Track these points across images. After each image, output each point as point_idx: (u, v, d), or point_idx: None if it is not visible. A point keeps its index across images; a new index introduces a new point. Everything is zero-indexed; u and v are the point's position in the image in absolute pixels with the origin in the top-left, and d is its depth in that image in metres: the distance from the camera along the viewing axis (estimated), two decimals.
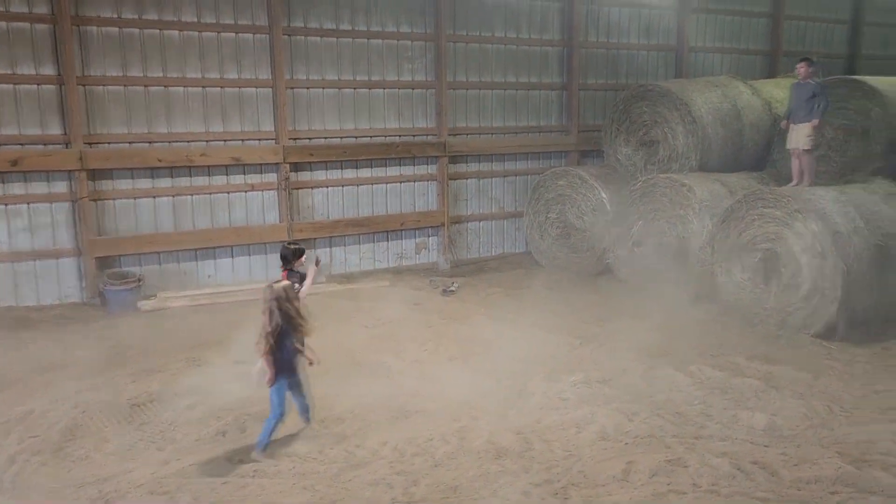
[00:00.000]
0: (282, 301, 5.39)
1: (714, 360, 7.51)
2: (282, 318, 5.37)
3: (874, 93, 10.09)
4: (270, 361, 5.43)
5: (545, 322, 8.96)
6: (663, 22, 14.11)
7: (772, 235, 8.70)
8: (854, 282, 7.97)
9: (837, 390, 6.69)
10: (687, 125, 10.91)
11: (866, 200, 8.70)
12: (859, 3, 16.53)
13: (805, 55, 9.80)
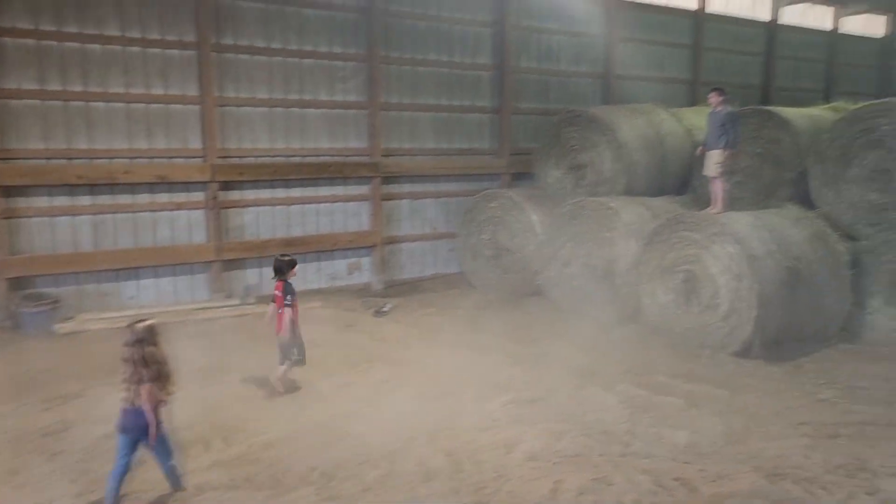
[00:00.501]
0: (145, 344, 4.74)
1: (639, 380, 7.72)
2: (143, 363, 4.69)
3: (785, 123, 10.65)
4: (152, 412, 4.79)
5: (477, 343, 9.04)
6: (592, 50, 14.56)
7: (692, 258, 9.03)
8: (768, 302, 8.35)
9: (753, 407, 6.97)
10: (614, 150, 11.24)
11: (779, 225, 9.14)
12: (772, 37, 17.48)
13: (717, 85, 10.25)
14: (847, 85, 19.26)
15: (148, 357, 4.70)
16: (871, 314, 9.37)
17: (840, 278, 9.16)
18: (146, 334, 4.77)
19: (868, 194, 9.62)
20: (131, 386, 4.73)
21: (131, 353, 4.69)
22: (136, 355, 4.68)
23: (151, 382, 4.72)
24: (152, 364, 4.72)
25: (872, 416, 6.79)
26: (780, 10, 17.51)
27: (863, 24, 19.96)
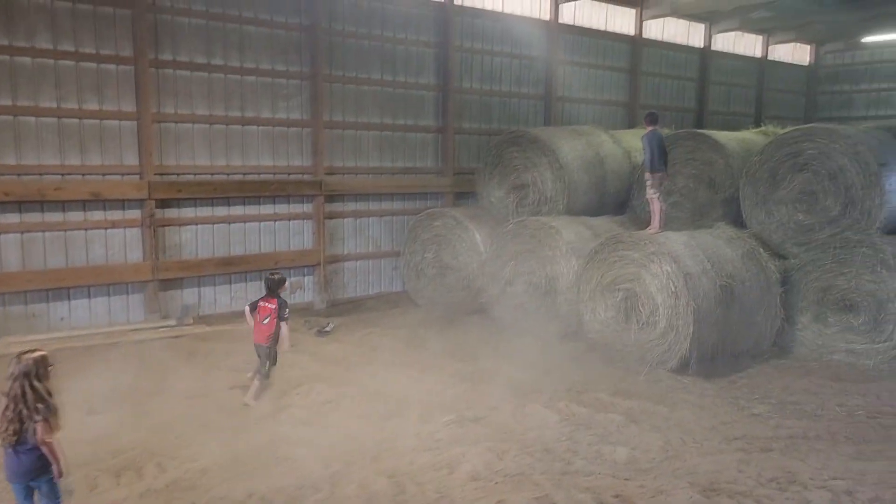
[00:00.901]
0: (31, 377, 4.27)
1: (580, 397, 7.80)
2: (36, 398, 4.25)
3: (718, 146, 11.03)
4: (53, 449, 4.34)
5: (420, 362, 9.01)
6: (534, 72, 14.82)
7: (631, 276, 9.22)
8: (703, 319, 8.58)
9: (690, 422, 7.12)
10: (555, 171, 11.43)
11: (712, 244, 9.43)
12: (705, 63, 18.12)
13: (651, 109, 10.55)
14: (776, 109, 20.10)
15: (38, 391, 4.27)
16: (800, 330, 9.72)
17: (771, 296, 9.49)
18: (35, 366, 4.31)
19: (796, 215, 10.02)
20: (11, 426, 4.23)
21: (15, 386, 4.23)
22: (20, 389, 4.23)
23: (44, 418, 4.27)
24: (42, 399, 4.27)
25: (802, 429, 7.02)
26: (713, 37, 18.17)
27: (790, 52, 20.89)
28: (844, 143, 9.56)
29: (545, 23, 14.77)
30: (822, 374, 8.89)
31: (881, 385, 8.40)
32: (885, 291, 8.99)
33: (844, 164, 9.54)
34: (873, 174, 9.29)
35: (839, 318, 9.43)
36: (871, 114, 20.10)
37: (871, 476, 5.92)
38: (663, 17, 16.64)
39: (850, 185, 9.50)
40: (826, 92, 21.36)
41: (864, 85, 20.70)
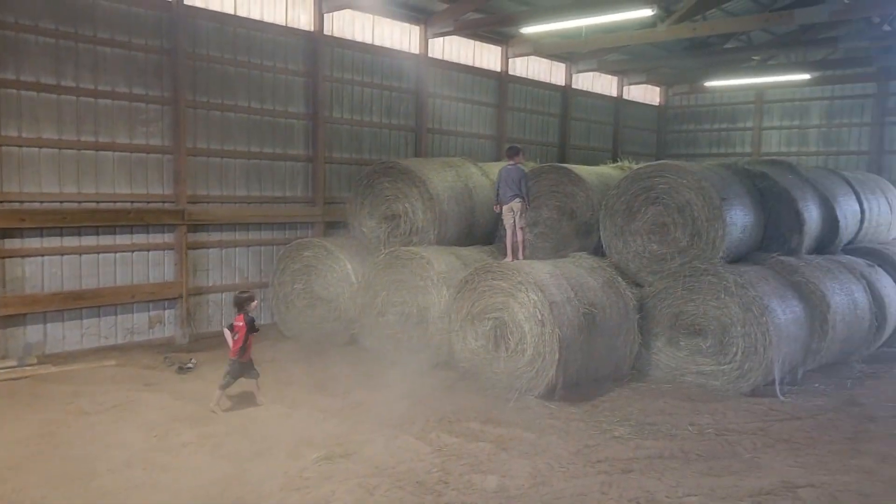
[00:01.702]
0: None
1: (452, 427, 7.84)
2: None
3: (579, 180, 11.59)
4: None
5: (289, 396, 8.75)
6: (404, 104, 15.01)
7: (500, 305, 9.44)
8: (568, 346, 8.90)
9: (557, 447, 7.33)
10: (426, 201, 11.57)
11: (575, 273, 9.85)
12: (567, 101, 19.09)
13: (514, 144, 11.03)
14: (631, 145, 21.47)
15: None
16: (656, 354, 10.30)
17: (629, 322, 10.00)
18: None
19: (650, 245, 10.66)
20: None
21: None
22: None
23: None
24: None
25: (659, 449, 7.40)
26: (573, 76, 19.20)
27: (643, 93, 22.44)
28: (690, 179, 10.31)
29: (415, 56, 15.03)
30: (676, 395, 9.44)
31: (727, 404, 9.03)
32: (728, 316, 9.71)
33: (691, 198, 10.28)
34: (716, 208, 10.06)
35: (689, 342, 10.07)
36: (714, 151, 21.90)
37: (720, 490, 6.32)
38: (527, 56, 17.39)
39: (697, 217, 10.23)
40: (674, 130, 23.06)
41: (706, 125, 22.52)
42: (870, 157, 19.28)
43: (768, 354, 9.38)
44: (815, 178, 12.56)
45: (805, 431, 8.15)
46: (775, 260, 10.82)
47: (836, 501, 6.20)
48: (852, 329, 11.12)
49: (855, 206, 13.39)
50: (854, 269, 11.99)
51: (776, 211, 11.28)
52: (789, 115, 20.97)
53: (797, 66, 19.18)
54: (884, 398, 9.62)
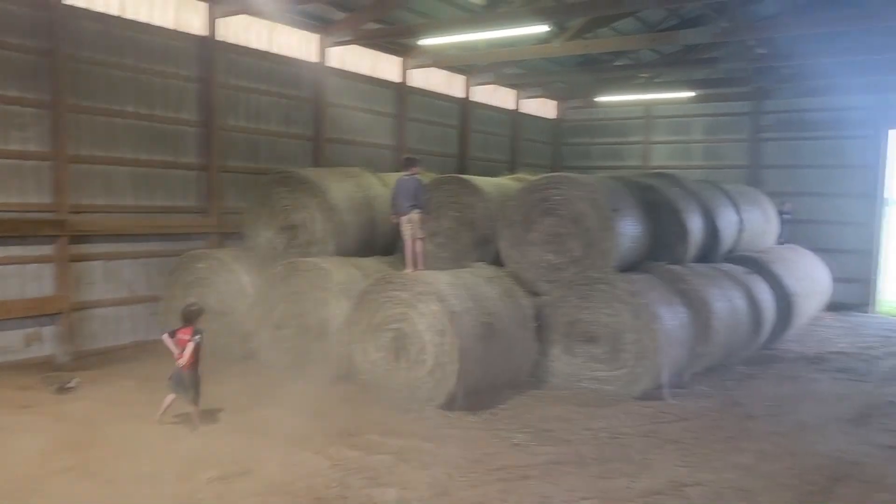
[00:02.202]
0: None
1: (352, 440, 7.75)
2: None
3: (478, 190, 11.75)
4: None
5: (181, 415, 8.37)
6: (303, 113, 14.77)
7: (400, 316, 9.42)
8: (468, 356, 8.97)
9: (457, 457, 7.37)
10: (325, 212, 11.41)
11: (474, 283, 9.97)
12: (465, 112, 19.35)
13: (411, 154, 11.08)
14: (529, 157, 21.99)
15: None
16: (553, 361, 10.55)
17: (527, 330, 10.21)
18: None
19: (546, 255, 10.92)
20: None
21: None
22: None
23: None
24: None
25: (556, 454, 7.58)
26: (471, 88, 19.49)
27: (539, 106, 23.06)
28: (584, 191, 10.67)
29: (314, 65, 14.84)
30: (572, 401, 9.70)
31: (620, 408, 9.37)
32: (619, 324, 10.08)
33: (585, 210, 10.62)
34: (608, 219, 10.44)
35: (584, 349, 10.38)
36: (606, 164, 22.74)
37: (614, 493, 6.55)
38: (427, 67, 17.53)
39: (590, 228, 10.58)
40: (569, 143, 23.82)
41: (599, 138, 23.39)
42: (747, 170, 20.57)
43: (658, 359, 9.80)
44: (698, 191, 13.28)
45: (692, 432, 8.56)
46: (663, 268, 11.34)
47: (720, 498, 6.54)
48: (733, 333, 11.81)
49: (734, 216, 14.26)
50: (734, 276, 12.76)
51: (663, 221, 11.84)
52: (675, 131, 22.08)
53: (681, 84, 20.26)
54: (762, 398, 10.25)
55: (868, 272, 19.12)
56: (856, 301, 19.09)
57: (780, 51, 17.96)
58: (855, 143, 19.12)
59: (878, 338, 15.31)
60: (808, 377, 11.65)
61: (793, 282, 14.37)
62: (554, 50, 15.85)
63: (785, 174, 20.07)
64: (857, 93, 18.31)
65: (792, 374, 11.86)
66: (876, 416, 9.46)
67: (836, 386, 11.11)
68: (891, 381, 11.56)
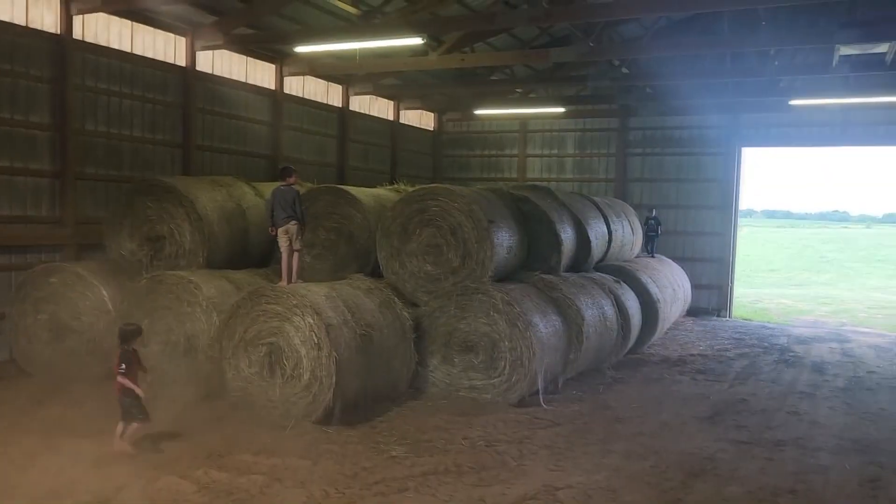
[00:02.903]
0: None
1: (221, 461, 7.39)
2: None
3: (356, 201, 11.63)
4: None
5: (30, 443, 7.69)
6: (170, 119, 14.07)
7: (275, 330, 9.12)
8: (345, 369, 8.81)
9: (333, 473, 7.19)
10: (193, 222, 10.90)
11: (352, 294, 9.83)
12: (344, 122, 19.15)
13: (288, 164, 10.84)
14: (409, 168, 22.04)
15: None
16: (432, 371, 10.57)
17: (406, 341, 10.17)
18: None
19: (425, 266, 10.95)
20: None
21: None
22: None
23: None
24: None
25: (433, 465, 7.56)
26: (350, 98, 19.33)
27: (418, 117, 23.21)
28: (461, 202, 10.79)
29: (182, 69, 14.18)
30: (451, 410, 9.74)
31: (497, 416, 9.50)
32: (496, 332, 10.24)
33: (462, 221, 10.74)
34: (485, 230, 10.61)
35: (462, 359, 10.47)
36: (484, 176, 23.20)
37: (490, 499, 6.63)
38: (303, 76, 17.21)
39: (467, 239, 10.71)
40: (448, 155, 24.11)
41: (477, 151, 23.83)
42: (615, 183, 21.61)
43: (532, 366, 10.04)
44: (570, 203, 13.78)
45: (564, 436, 8.80)
46: (537, 278, 11.66)
47: (589, 499, 6.75)
48: (603, 339, 12.31)
49: (604, 227, 14.91)
50: (603, 284, 13.31)
51: (537, 232, 12.19)
52: (549, 145, 22.87)
53: (553, 100, 21.01)
54: (629, 401, 10.72)
55: (724, 279, 20.53)
56: (713, 306, 20.45)
57: (642, 71, 19.07)
58: (711, 159, 20.54)
59: (732, 340, 16.45)
60: (671, 379, 12.33)
61: (657, 289, 15.21)
62: (430, 63, 16.00)
63: (649, 187, 21.25)
64: (712, 112, 19.69)
65: (657, 376, 12.51)
66: (729, 414, 10.12)
67: (696, 386, 11.81)
68: (742, 380, 12.44)
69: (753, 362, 13.99)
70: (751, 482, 7.42)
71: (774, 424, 9.69)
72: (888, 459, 8.16)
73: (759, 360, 14.19)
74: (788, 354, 14.90)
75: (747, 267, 35.05)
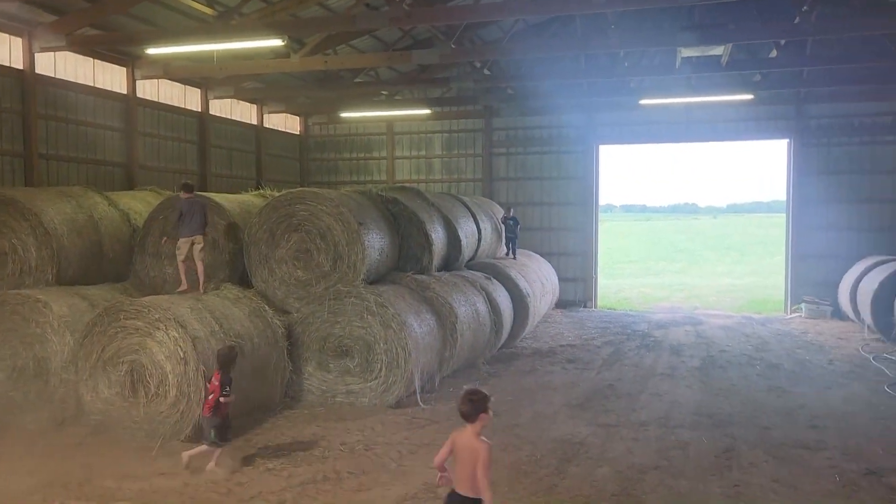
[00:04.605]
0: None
1: (81, 490, 6.92)
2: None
3: (220, 208, 11.21)
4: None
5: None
6: (7, 125, 12.95)
7: (136, 347, 8.64)
8: None
9: (206, 491, 6.92)
10: (39, 237, 10.14)
11: (220, 305, 9.47)
12: (204, 127, 18.38)
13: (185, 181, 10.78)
14: (275, 173, 21.51)
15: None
16: (307, 379, 10.37)
17: (279, 350, 9.93)
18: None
19: (295, 272, 10.74)
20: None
21: None
22: None
23: None
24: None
25: (311, 474, 7.42)
26: (210, 102, 18.59)
27: (283, 121, 22.69)
28: (329, 205, 10.66)
29: (19, 72, 13.09)
30: (328, 417, 9.61)
31: (375, 418, 9.46)
32: (371, 335, 10.19)
33: (331, 224, 10.62)
34: (354, 232, 10.54)
35: (338, 364, 10.34)
36: (354, 179, 23.03)
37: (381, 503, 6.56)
38: (158, 79, 16.37)
39: (338, 242, 10.60)
40: (316, 159, 23.75)
41: (345, 154, 23.62)
42: (482, 183, 22.10)
43: (409, 367, 10.07)
44: (439, 203, 13.95)
45: (443, 434, 8.79)
46: (410, 278, 11.72)
47: None
48: (477, 335, 12.56)
49: (473, 226, 15.22)
50: (475, 282, 13.58)
51: (408, 233, 12.27)
52: (416, 146, 23.04)
53: (419, 102, 21.20)
54: (504, 394, 10.97)
55: (588, 272, 21.51)
56: (580, 298, 21.38)
57: (503, 72, 19.64)
58: (571, 157, 21.45)
59: (598, 329, 17.26)
60: (543, 370, 12.76)
61: (527, 284, 15.71)
62: (293, 65, 15.67)
63: (515, 186, 21.89)
64: (570, 112, 20.57)
65: (529, 368, 12.91)
66: (598, 399, 10.62)
67: (566, 375, 12.30)
68: (609, 366, 13.09)
69: (618, 349, 14.75)
70: (619, 462, 7.82)
71: (639, 406, 10.26)
72: (739, 430, 8.86)
73: (624, 347, 14.98)
74: (649, 339, 15.83)
75: (610, 259, 36.93)
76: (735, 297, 25.10)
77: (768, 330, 17.08)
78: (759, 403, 10.32)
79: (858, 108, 18.95)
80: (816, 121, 19.36)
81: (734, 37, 13.73)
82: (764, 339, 15.73)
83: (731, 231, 62.28)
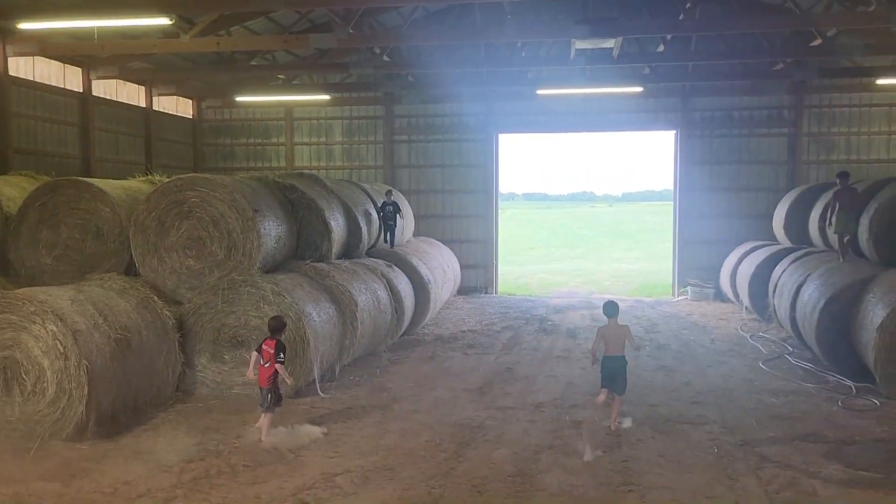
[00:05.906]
0: None
1: None
2: None
3: (103, 195, 10.63)
4: None
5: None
6: None
7: (9, 342, 8.08)
8: (99, 378, 8.05)
9: (89, 492, 6.58)
10: None
11: (104, 296, 8.99)
12: (87, 109, 17.33)
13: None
14: (167, 159, 20.60)
15: None
16: (200, 371, 10.02)
17: (169, 342, 9.53)
18: None
19: (186, 260, 10.34)
20: None
21: None
22: None
23: None
24: None
25: (205, 468, 7.18)
26: (92, 82, 17.55)
27: (174, 104, 21.73)
28: (222, 192, 10.30)
29: None
30: (223, 409, 9.32)
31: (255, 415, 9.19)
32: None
33: (224, 211, 10.27)
34: (249, 220, 10.24)
35: (233, 355, 10.03)
36: (251, 165, 22.37)
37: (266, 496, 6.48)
38: (33, 56, 15.30)
39: (232, 230, 10.27)
40: (210, 144, 22.89)
41: (242, 139, 22.89)
42: (384, 170, 21.97)
43: (307, 356, 9.91)
44: (339, 190, 13.77)
45: (343, 422, 8.82)
46: (309, 266, 11.52)
47: (367, 481, 6.85)
48: (378, 323, 12.52)
49: (374, 213, 15.11)
50: (376, 269, 13.51)
51: (307, 220, 12.05)
52: (316, 132, 22.60)
53: (319, 87, 20.80)
54: (405, 380, 11.02)
55: (489, 258, 21.82)
56: (481, 284, 21.68)
57: (404, 59, 19.56)
58: (472, 145, 21.64)
59: (498, 315, 17.56)
60: (444, 356, 12.87)
61: (428, 271, 15.77)
62: (183, 45, 15.00)
63: (416, 173, 21.89)
64: (470, 101, 20.72)
65: (430, 354, 12.99)
66: (497, 383, 10.81)
67: (467, 360, 12.45)
68: (508, 350, 13.36)
69: (517, 333, 15.06)
70: (516, 444, 7.99)
71: (535, 388, 10.52)
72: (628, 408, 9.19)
73: (522, 331, 15.32)
74: (547, 323, 16.24)
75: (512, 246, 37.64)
76: (628, 281, 26.15)
77: (657, 312, 17.89)
78: (648, 382, 10.80)
79: (738, 102, 20.10)
80: (700, 113, 20.38)
81: (624, 30, 14.20)
82: (653, 321, 16.46)
83: (626, 218, 64.84)
